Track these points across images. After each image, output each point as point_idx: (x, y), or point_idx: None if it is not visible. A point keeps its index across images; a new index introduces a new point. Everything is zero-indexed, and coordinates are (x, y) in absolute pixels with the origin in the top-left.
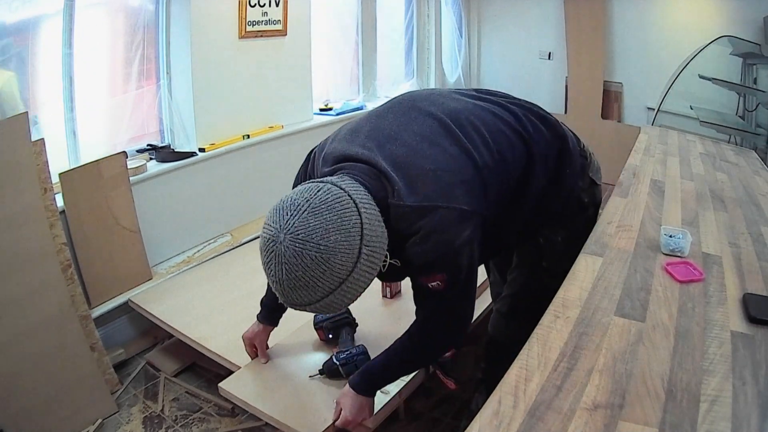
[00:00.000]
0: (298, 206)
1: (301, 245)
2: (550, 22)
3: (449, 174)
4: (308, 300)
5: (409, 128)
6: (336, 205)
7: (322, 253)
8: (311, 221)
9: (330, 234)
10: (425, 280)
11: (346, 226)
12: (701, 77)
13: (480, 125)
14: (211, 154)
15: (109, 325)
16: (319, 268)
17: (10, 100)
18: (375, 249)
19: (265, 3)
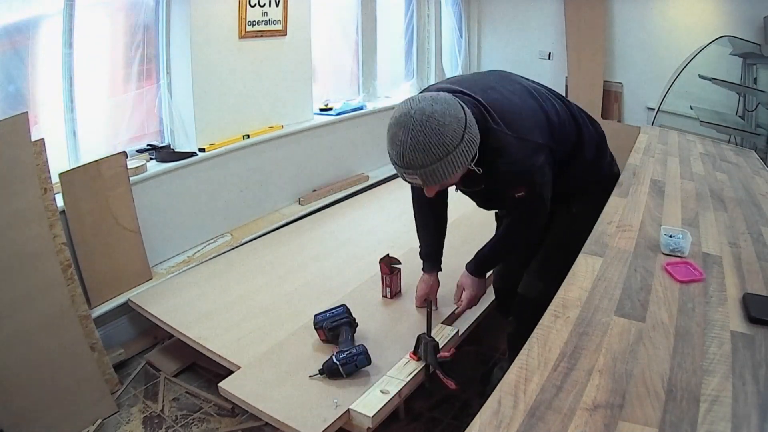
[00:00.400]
0: (424, 98)
1: (427, 117)
2: (550, 22)
3: (529, 118)
4: (421, 163)
5: (504, 86)
6: (451, 101)
7: (440, 126)
8: (435, 106)
9: (446, 117)
10: (512, 191)
11: (457, 116)
12: (701, 77)
13: (552, 100)
14: (211, 154)
15: (109, 325)
16: (436, 136)
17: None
18: (473, 137)
19: (265, 3)
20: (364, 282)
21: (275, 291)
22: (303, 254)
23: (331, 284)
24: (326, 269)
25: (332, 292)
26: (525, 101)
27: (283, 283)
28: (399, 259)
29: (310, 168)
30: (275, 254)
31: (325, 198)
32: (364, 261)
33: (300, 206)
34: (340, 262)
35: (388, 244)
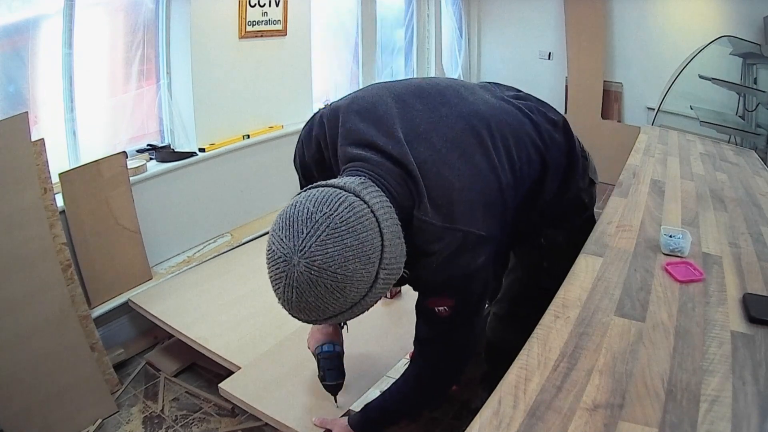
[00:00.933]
0: (315, 223)
1: (317, 273)
2: (550, 22)
3: (474, 194)
4: (315, 319)
5: (440, 129)
6: (358, 227)
7: (338, 282)
8: (329, 247)
9: (348, 263)
10: (433, 302)
11: (366, 252)
12: (701, 77)
13: (508, 136)
14: (211, 154)
15: (109, 325)
16: (333, 295)
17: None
18: (392, 272)
19: (265, 3)
20: None
21: None
22: None
23: None
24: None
25: None
26: (469, 157)
27: None
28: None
29: None
30: None
31: None
32: None
33: None
34: None
35: None
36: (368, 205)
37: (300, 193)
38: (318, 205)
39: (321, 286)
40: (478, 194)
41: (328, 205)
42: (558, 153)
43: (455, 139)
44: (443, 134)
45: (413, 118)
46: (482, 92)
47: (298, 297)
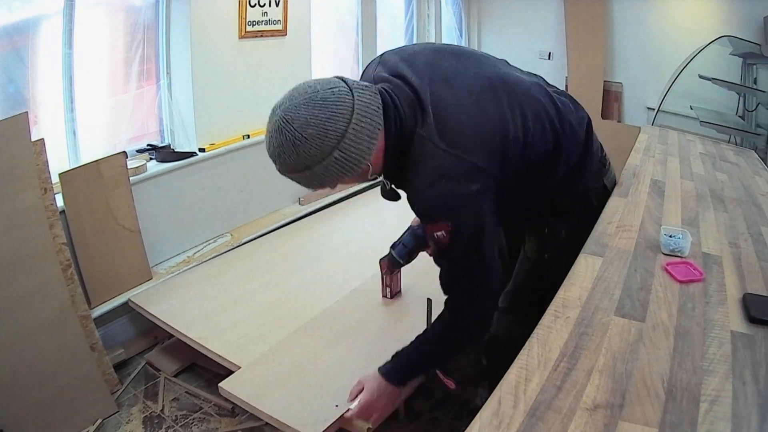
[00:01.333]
0: (305, 91)
1: (283, 124)
2: (550, 22)
3: (478, 130)
4: (279, 169)
5: (463, 81)
6: (331, 106)
7: (294, 138)
8: (301, 110)
9: (309, 127)
10: (431, 228)
11: (326, 128)
12: (701, 77)
13: (526, 105)
14: (211, 154)
15: (109, 325)
16: (289, 148)
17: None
18: (348, 157)
19: (265, 3)
20: (364, 282)
21: (275, 291)
22: (303, 254)
23: (331, 284)
24: (326, 269)
25: (332, 292)
26: (481, 105)
27: (283, 283)
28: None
29: None
30: (275, 254)
31: (325, 198)
32: (364, 261)
33: (300, 206)
34: (340, 262)
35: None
36: (352, 98)
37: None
38: (317, 83)
39: (283, 136)
40: (482, 132)
41: (324, 84)
42: (573, 144)
43: (473, 89)
44: (465, 84)
45: (443, 68)
46: (519, 71)
47: (269, 141)
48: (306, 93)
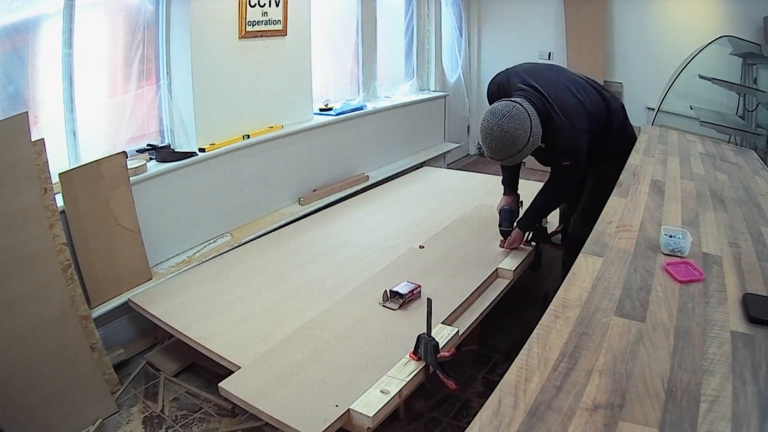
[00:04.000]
0: (504, 114)
1: (504, 133)
2: (550, 22)
3: (577, 109)
4: (502, 157)
5: (560, 82)
6: (522, 116)
7: (512, 138)
8: (509, 123)
9: (517, 131)
10: (561, 160)
11: (524, 128)
12: (701, 77)
13: (589, 94)
14: (211, 154)
15: (109, 325)
16: (510, 145)
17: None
18: (535, 140)
19: (265, 3)
20: (364, 282)
21: (275, 291)
22: (303, 254)
23: (331, 284)
24: (326, 269)
25: (332, 292)
26: (574, 95)
27: (283, 283)
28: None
29: (310, 168)
30: (275, 254)
31: (325, 198)
32: (364, 261)
33: (300, 206)
34: (340, 262)
35: (388, 244)
36: (525, 109)
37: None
38: (505, 107)
39: (506, 140)
40: (578, 109)
41: (509, 107)
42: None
43: (565, 86)
44: (562, 84)
45: (546, 77)
46: (576, 75)
47: (497, 145)
48: (505, 114)
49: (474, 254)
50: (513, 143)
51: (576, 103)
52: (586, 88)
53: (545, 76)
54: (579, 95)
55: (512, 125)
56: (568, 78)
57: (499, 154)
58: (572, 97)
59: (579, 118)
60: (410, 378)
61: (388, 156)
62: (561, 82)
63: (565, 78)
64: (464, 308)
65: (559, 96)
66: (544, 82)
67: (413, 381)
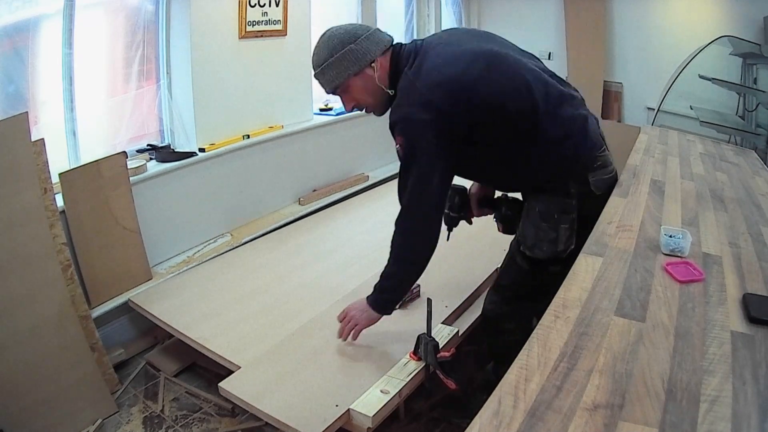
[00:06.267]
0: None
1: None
2: (550, 22)
3: (443, 78)
4: (315, 64)
5: (459, 47)
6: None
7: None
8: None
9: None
10: (395, 140)
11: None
12: (701, 77)
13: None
14: (211, 154)
15: (109, 325)
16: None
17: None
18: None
19: (265, 3)
20: (364, 282)
21: (275, 291)
22: (303, 254)
23: (331, 284)
24: (326, 269)
25: (332, 292)
26: (458, 63)
27: (283, 283)
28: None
29: (310, 168)
30: (275, 254)
31: (325, 198)
32: (364, 261)
33: (300, 206)
34: (340, 262)
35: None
36: (373, 28)
37: None
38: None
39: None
40: (448, 81)
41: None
42: (554, 127)
43: (463, 53)
44: (458, 48)
45: (454, 38)
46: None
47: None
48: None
49: (474, 254)
50: (326, 44)
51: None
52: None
53: (455, 37)
54: (483, 65)
55: (340, 31)
56: (483, 49)
57: (313, 59)
58: (456, 60)
59: (436, 85)
60: (410, 378)
61: (388, 156)
62: (460, 47)
63: (479, 46)
64: (464, 308)
65: (439, 53)
66: (440, 41)
67: (413, 381)
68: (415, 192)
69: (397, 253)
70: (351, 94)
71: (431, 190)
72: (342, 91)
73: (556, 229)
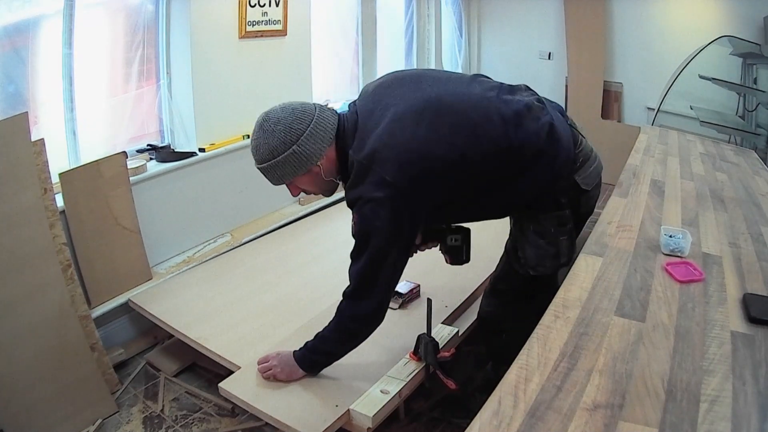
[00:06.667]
0: (284, 104)
1: (262, 119)
2: (550, 22)
3: (397, 151)
4: (256, 159)
5: (400, 106)
6: (299, 113)
7: (267, 130)
8: (279, 113)
9: (279, 124)
10: (354, 214)
11: (292, 127)
12: (701, 77)
13: (458, 124)
14: (211, 154)
15: (109, 325)
16: (262, 140)
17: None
18: (303, 152)
19: (265, 3)
20: None
21: (275, 291)
22: (303, 254)
23: (331, 284)
24: (326, 269)
25: (332, 292)
26: (403, 128)
27: (283, 283)
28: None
29: None
30: (275, 254)
31: (325, 198)
32: None
33: (300, 206)
34: (340, 262)
35: None
36: (314, 113)
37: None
38: (296, 101)
39: (260, 129)
40: (397, 150)
41: (299, 102)
42: (522, 152)
43: (405, 113)
44: (398, 109)
45: (389, 95)
46: (464, 85)
47: (251, 137)
48: (285, 105)
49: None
50: (266, 139)
51: (403, 138)
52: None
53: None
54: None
55: (279, 116)
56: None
57: (252, 152)
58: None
59: (387, 159)
60: (410, 378)
61: None
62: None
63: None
64: (464, 308)
65: (378, 122)
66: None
67: (413, 381)
68: (367, 275)
69: (343, 324)
70: (296, 186)
71: (384, 273)
72: (287, 184)
73: (556, 244)
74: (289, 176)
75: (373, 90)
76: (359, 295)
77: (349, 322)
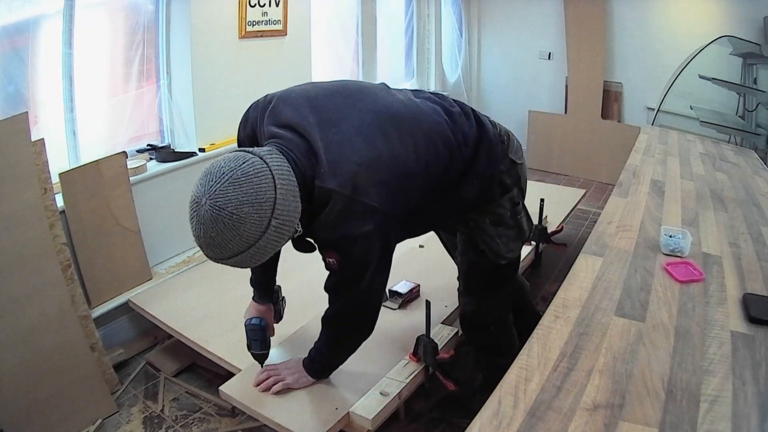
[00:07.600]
0: (222, 174)
1: (217, 212)
2: (550, 22)
3: (372, 172)
4: (220, 256)
5: (350, 119)
6: (254, 180)
7: (234, 221)
8: (230, 192)
9: (243, 206)
10: (325, 254)
11: (259, 200)
12: (701, 77)
13: (417, 133)
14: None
15: (109, 325)
16: (230, 233)
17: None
18: (284, 222)
19: (265, 3)
20: None
21: None
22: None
23: None
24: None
25: None
26: (372, 144)
27: (283, 283)
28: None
29: None
30: None
31: None
32: None
33: None
34: None
35: None
36: (268, 167)
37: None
38: (228, 162)
39: (220, 223)
40: (376, 172)
41: (236, 161)
42: (465, 147)
43: (362, 127)
44: (352, 123)
45: (329, 109)
46: (400, 95)
47: (204, 233)
48: (224, 175)
49: None
50: (237, 231)
51: (369, 155)
52: (411, 123)
53: (327, 109)
54: (382, 138)
55: (234, 197)
56: (370, 112)
57: (213, 251)
58: (364, 144)
59: (368, 184)
60: (410, 379)
61: None
62: (352, 119)
63: (364, 110)
64: None
65: (340, 143)
66: (320, 118)
67: (413, 382)
68: (361, 303)
69: (336, 341)
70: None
71: (375, 297)
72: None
73: (517, 224)
74: (271, 254)
75: (297, 107)
76: (353, 320)
77: (346, 342)
